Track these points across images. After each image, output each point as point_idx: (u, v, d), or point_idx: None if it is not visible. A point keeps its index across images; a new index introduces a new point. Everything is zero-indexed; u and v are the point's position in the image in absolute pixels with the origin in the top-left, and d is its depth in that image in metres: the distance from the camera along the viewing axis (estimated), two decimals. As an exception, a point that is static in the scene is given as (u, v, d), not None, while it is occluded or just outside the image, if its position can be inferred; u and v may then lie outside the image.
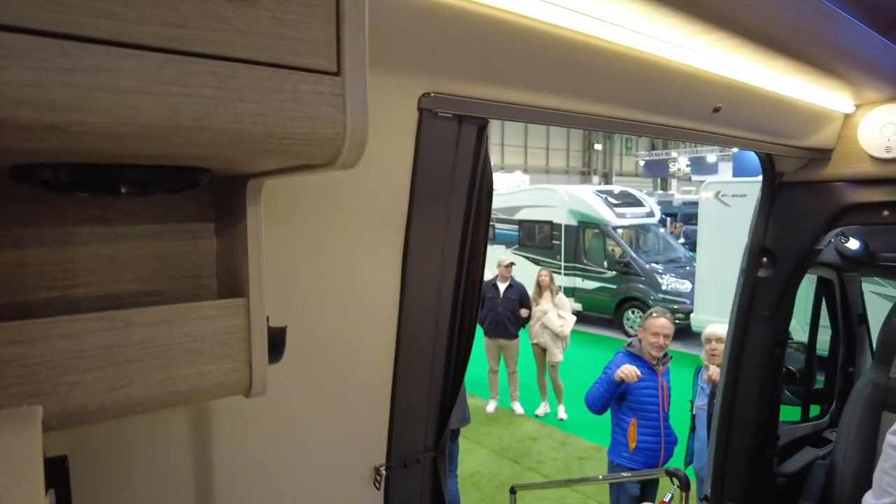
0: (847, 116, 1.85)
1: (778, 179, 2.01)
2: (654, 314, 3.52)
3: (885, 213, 1.82)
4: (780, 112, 1.61)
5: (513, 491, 3.22)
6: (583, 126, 1.15)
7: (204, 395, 0.67)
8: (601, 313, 11.24)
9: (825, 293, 2.83)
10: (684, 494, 2.45)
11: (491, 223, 10.98)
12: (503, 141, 32.98)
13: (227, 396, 0.70)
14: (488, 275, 7.25)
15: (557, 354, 6.72)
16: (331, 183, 0.93)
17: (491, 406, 7.16)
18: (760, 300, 2.09)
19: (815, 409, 3.12)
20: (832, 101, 1.73)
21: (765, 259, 2.07)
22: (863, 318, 2.97)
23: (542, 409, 7.02)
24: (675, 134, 1.39)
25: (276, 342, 0.76)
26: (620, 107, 1.20)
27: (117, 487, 0.85)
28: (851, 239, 2.38)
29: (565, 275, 11.81)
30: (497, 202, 13.34)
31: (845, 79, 1.51)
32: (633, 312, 10.48)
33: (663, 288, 10.17)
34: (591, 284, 11.52)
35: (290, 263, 0.94)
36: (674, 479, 2.48)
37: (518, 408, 7.07)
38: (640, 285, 10.51)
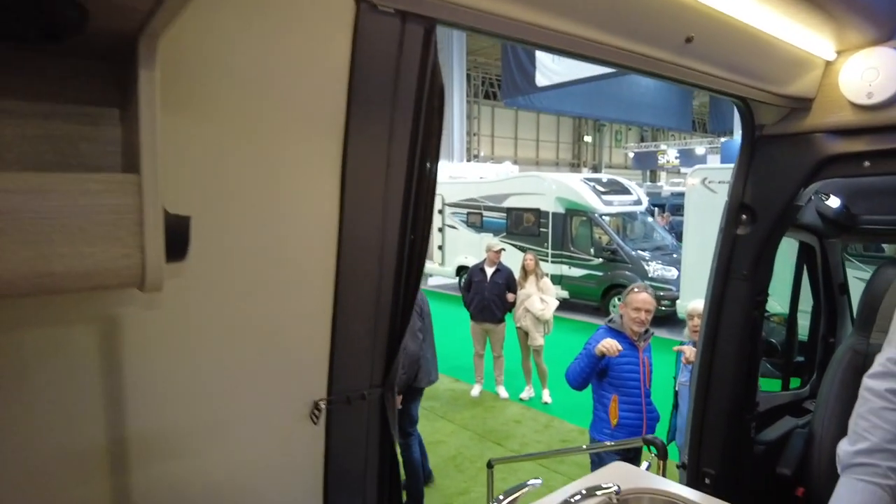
0: (828, 64, 1.79)
1: (758, 132, 1.95)
2: (636, 289, 3.47)
3: (866, 163, 1.76)
4: (758, 52, 1.54)
5: (490, 465, 3.15)
6: (542, 43, 1.06)
7: (85, 280, 0.58)
8: (588, 300, 11.23)
9: (806, 261, 2.78)
10: (661, 462, 2.39)
11: (479, 211, 11.00)
12: (493, 132, 32.93)
13: (116, 287, 0.61)
14: (476, 260, 7.26)
15: (538, 338, 6.69)
16: (259, 78, 0.85)
17: (475, 390, 7.13)
18: (739, 259, 2.02)
19: (795, 382, 3.08)
20: (813, 45, 1.66)
21: (744, 216, 2.01)
22: (844, 288, 2.93)
23: (527, 392, 7.00)
24: (648, 65, 1.31)
25: (177, 234, 0.67)
26: (588, 26, 1.12)
27: (12, 409, 0.76)
28: (832, 197, 2.33)
29: (552, 262, 11.78)
30: (485, 190, 13.33)
31: (828, 15, 1.44)
32: (619, 299, 10.46)
33: (650, 275, 10.15)
34: (577, 272, 11.49)
35: (210, 165, 0.85)
36: (651, 448, 2.42)
37: (503, 392, 7.04)
38: (627, 272, 10.49)
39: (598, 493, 1.18)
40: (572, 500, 1.20)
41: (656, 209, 17.91)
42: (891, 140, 1.71)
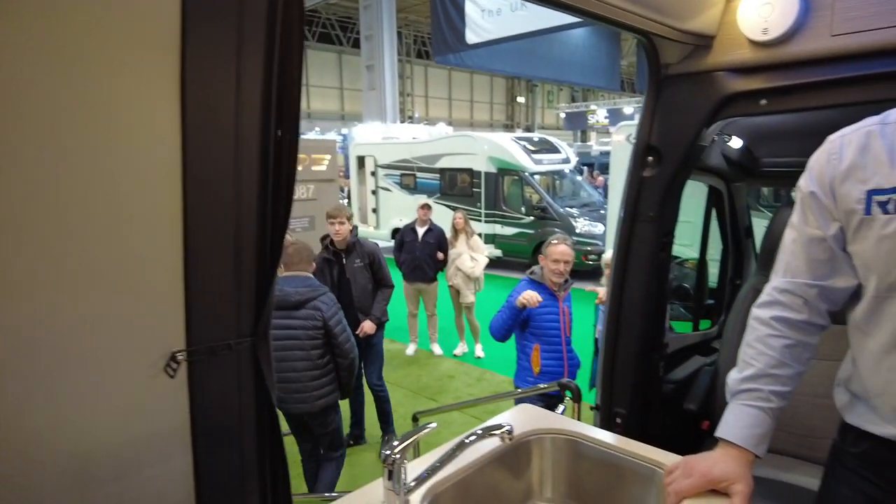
0: (728, 0, 1.78)
1: (663, 71, 1.94)
2: (554, 241, 3.49)
3: (763, 102, 1.78)
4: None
5: (415, 418, 3.16)
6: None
7: None
8: (520, 258, 11.41)
9: (715, 204, 2.86)
10: (576, 405, 2.44)
11: (412, 172, 10.85)
12: (427, 93, 32.50)
13: None
14: (408, 221, 7.17)
15: (469, 296, 6.75)
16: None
17: (410, 349, 7.15)
18: (646, 201, 2.04)
19: (706, 324, 3.21)
20: (713, -21, 1.64)
21: (650, 158, 2.01)
22: (749, 231, 3.04)
23: (461, 348, 7.10)
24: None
25: None
26: None
27: None
28: (734, 138, 2.38)
29: (486, 222, 11.87)
30: (418, 151, 13.16)
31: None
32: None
33: (577, 231, 10.40)
34: (510, 230, 11.63)
35: (19, 92, 0.71)
36: (566, 392, 2.47)
37: (437, 349, 7.11)
38: (556, 229, 10.67)
39: (493, 432, 1.15)
40: (467, 440, 1.18)
41: (586, 168, 18.32)
42: (785, 77, 1.73)
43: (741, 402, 1.26)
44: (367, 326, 4.40)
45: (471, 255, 6.78)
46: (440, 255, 6.70)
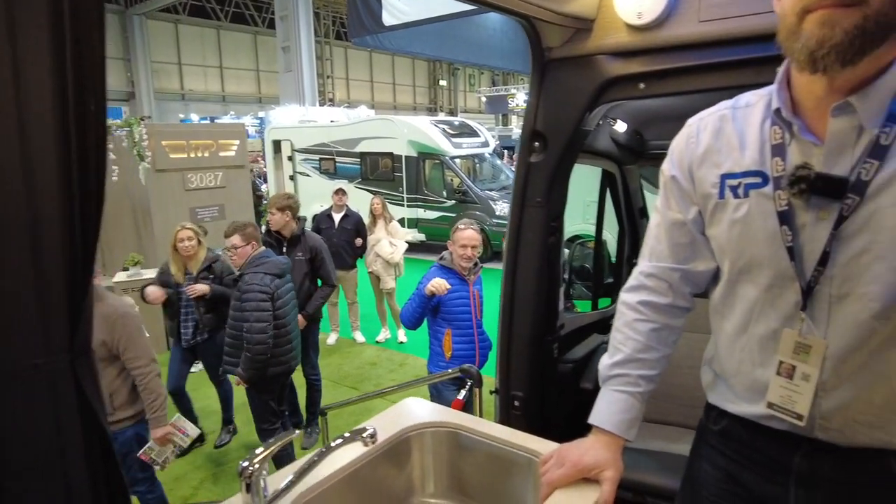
0: (606, -17, 1.79)
1: (546, 55, 1.93)
2: (461, 226, 3.49)
3: (641, 85, 1.80)
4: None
5: (323, 413, 3.08)
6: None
7: None
8: (444, 241, 11.39)
9: (609, 187, 2.92)
10: (478, 390, 2.45)
11: (331, 157, 10.57)
12: (348, 75, 31.79)
13: None
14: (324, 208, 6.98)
15: (390, 282, 6.68)
16: None
17: (332, 338, 7.01)
18: (534, 187, 2.04)
19: (606, 301, 3.31)
20: (587, -38, 1.63)
21: (536, 143, 2.01)
22: (644, 212, 3.15)
23: (383, 335, 7.04)
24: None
25: None
26: None
27: None
28: (619, 122, 2.43)
29: (408, 206, 11.79)
30: (336, 134, 12.85)
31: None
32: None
33: (497, 213, 10.53)
34: (432, 214, 11.62)
35: None
36: (467, 379, 2.47)
37: (359, 336, 7.01)
38: (477, 212, 10.79)
39: (358, 437, 1.10)
40: (333, 444, 1.12)
41: (506, 151, 18.56)
42: (661, 61, 1.76)
43: (611, 388, 1.26)
44: (299, 321, 4.29)
45: (390, 241, 6.70)
46: (358, 242, 6.58)
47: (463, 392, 2.46)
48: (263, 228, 4.79)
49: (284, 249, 4.51)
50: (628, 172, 2.90)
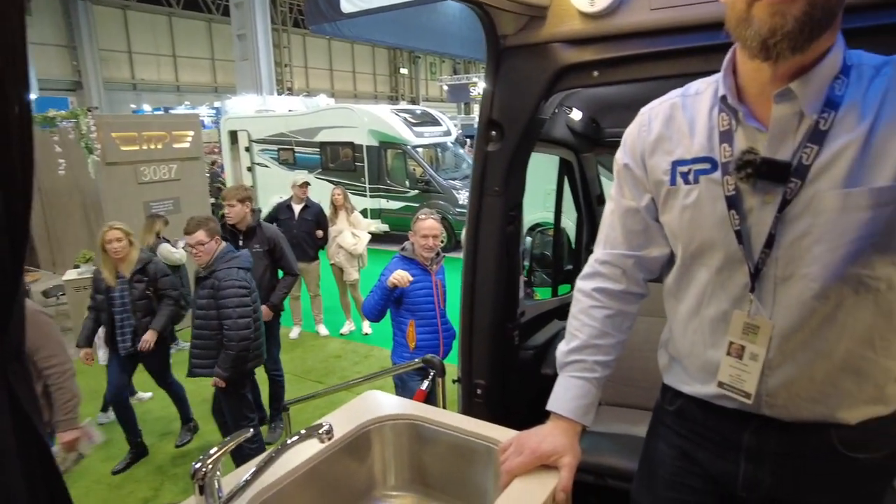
0: (558, -30, 1.79)
1: (501, 43, 1.92)
2: (422, 216, 3.47)
3: (595, 73, 1.81)
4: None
5: (285, 408, 3.04)
6: None
7: None
8: (408, 232, 11.37)
9: (567, 175, 2.95)
10: (440, 380, 2.45)
11: (290, 147, 10.34)
12: (307, 63, 31.22)
13: None
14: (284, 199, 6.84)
15: (353, 273, 6.62)
16: None
17: (294, 332, 6.92)
18: (491, 176, 2.03)
19: (566, 288, 3.35)
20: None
21: (493, 132, 2.00)
22: (601, 199, 3.19)
23: (347, 327, 6.97)
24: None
25: None
26: None
27: None
28: (574, 110, 2.44)
29: (371, 196, 11.70)
30: (295, 124, 12.61)
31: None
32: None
33: (460, 202, 10.53)
34: (395, 204, 11.55)
35: None
36: (430, 369, 2.47)
37: (323, 329, 6.92)
38: (441, 202, 10.77)
39: (315, 433, 1.09)
40: (289, 441, 1.10)
41: (468, 140, 18.55)
42: (614, 49, 1.77)
43: (568, 374, 1.28)
44: (265, 313, 4.22)
45: (352, 232, 6.62)
46: (319, 233, 6.49)
47: (426, 382, 2.46)
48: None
49: (241, 242, 4.39)
50: (585, 160, 2.92)
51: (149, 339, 3.91)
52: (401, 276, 3.30)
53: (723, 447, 1.17)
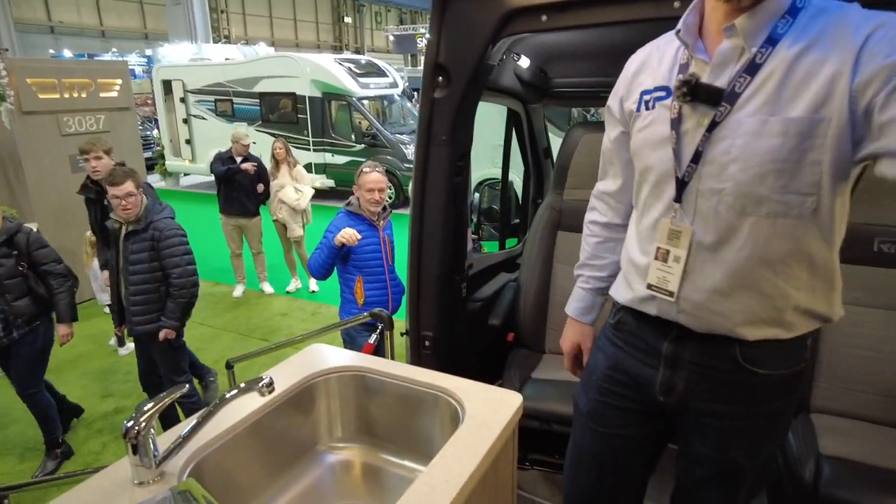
0: None
1: None
2: (366, 169, 3.36)
3: (544, 17, 1.77)
4: None
5: (229, 366, 2.96)
6: None
7: None
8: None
9: (515, 127, 2.91)
10: (389, 333, 2.44)
11: (228, 97, 9.76)
12: (244, 10, 29.52)
13: None
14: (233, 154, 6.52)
15: (297, 230, 6.44)
16: None
17: (238, 290, 6.74)
18: (438, 124, 1.98)
19: (513, 241, 3.37)
20: None
21: (440, 78, 1.94)
22: (548, 152, 3.18)
23: (293, 284, 6.83)
24: None
25: None
26: None
27: None
28: (522, 57, 2.39)
29: (314, 150, 11.34)
30: (232, 73, 11.98)
31: None
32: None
33: (409, 157, 10.37)
34: (341, 159, 11.25)
35: None
36: (378, 322, 2.45)
37: (267, 287, 6.77)
38: (388, 157, 10.56)
39: (255, 387, 1.05)
40: (228, 395, 1.06)
41: (416, 93, 18.16)
42: None
43: (576, 286, 1.60)
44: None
45: (295, 187, 6.41)
46: (260, 188, 6.26)
47: (374, 336, 2.44)
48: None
49: (106, 201, 3.66)
50: (533, 112, 2.89)
51: (66, 333, 3.38)
52: (349, 235, 3.22)
53: (647, 354, 1.31)
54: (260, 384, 1.04)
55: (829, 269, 1.14)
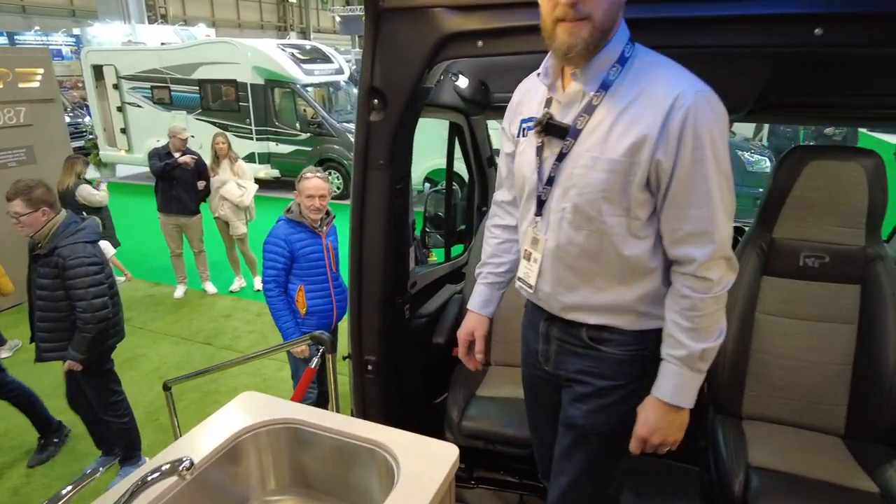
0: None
1: (379, 5, 1.77)
2: (307, 175, 3.24)
3: (479, 43, 1.73)
4: None
5: (166, 388, 2.84)
6: None
7: None
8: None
9: (458, 137, 2.88)
10: (331, 356, 2.38)
11: (165, 84, 9.26)
12: (181, -14, 28.14)
13: None
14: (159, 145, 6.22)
15: (240, 227, 6.24)
16: None
17: (179, 291, 6.50)
18: (375, 148, 1.92)
19: (458, 248, 3.35)
20: None
21: (375, 101, 1.88)
22: (492, 161, 3.16)
23: (237, 284, 6.63)
24: None
25: None
26: None
27: None
28: (461, 76, 2.35)
29: (258, 140, 10.99)
30: (169, 59, 11.43)
31: None
32: (330, 174, 10.37)
33: (356, 147, 10.18)
34: (285, 148, 10.95)
35: None
36: (319, 346, 2.39)
37: (210, 287, 6.55)
38: (335, 146, 10.35)
39: (175, 472, 0.99)
40: (149, 478, 1.00)
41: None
42: (499, 18, 1.69)
43: (477, 282, 1.79)
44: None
45: (237, 183, 6.18)
46: (201, 184, 6.02)
47: (315, 360, 2.38)
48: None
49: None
50: (475, 123, 2.86)
51: None
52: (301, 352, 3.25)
53: (535, 332, 1.63)
54: (180, 467, 0.98)
55: (651, 272, 1.40)
